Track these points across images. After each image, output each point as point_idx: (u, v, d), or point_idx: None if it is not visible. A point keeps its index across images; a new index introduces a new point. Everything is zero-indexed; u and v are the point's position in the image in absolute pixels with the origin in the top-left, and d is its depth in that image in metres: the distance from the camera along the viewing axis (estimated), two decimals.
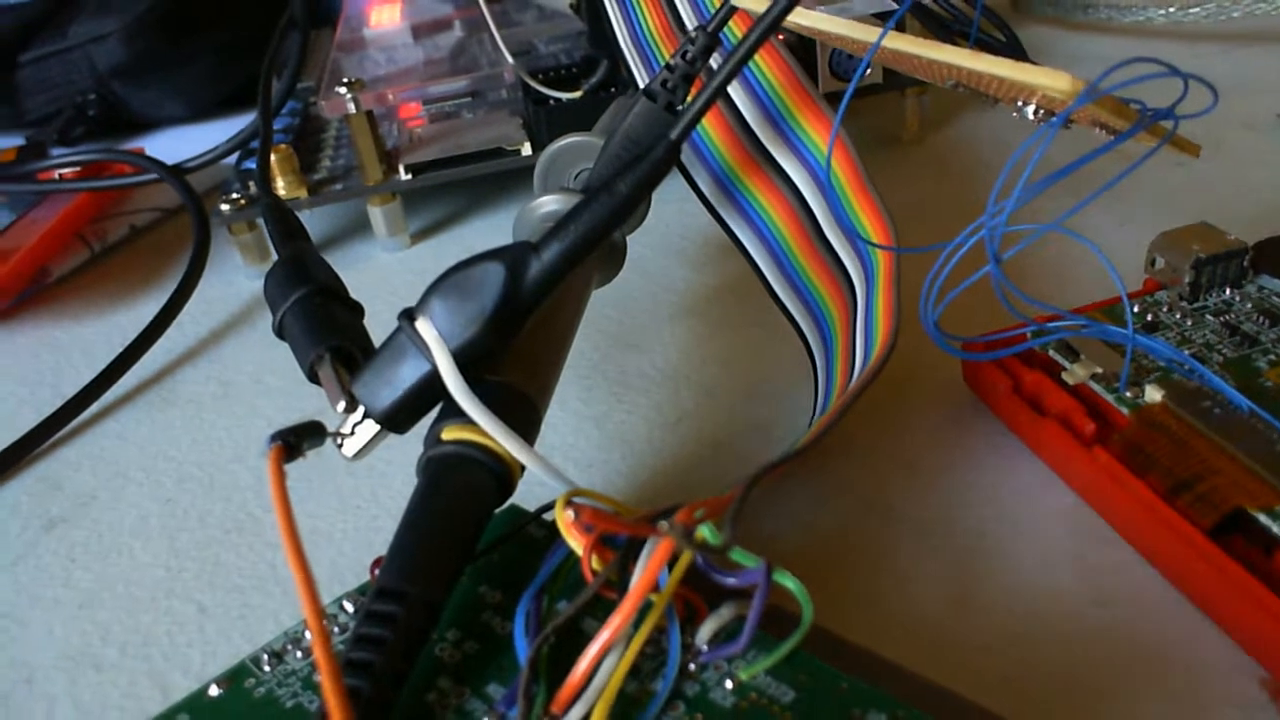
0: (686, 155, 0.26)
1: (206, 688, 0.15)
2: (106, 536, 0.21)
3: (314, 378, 0.18)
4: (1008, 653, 0.16)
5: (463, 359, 0.16)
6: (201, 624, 0.19)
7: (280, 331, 0.19)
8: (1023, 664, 0.15)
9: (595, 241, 0.17)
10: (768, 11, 0.18)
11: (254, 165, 0.32)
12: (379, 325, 0.18)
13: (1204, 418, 0.17)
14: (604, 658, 0.13)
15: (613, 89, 0.32)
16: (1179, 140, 0.19)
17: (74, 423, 0.25)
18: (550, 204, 0.23)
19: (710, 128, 0.26)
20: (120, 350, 0.27)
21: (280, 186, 0.32)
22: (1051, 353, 0.20)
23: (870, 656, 0.14)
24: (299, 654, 0.15)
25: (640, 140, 0.22)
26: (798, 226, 0.25)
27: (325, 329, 0.18)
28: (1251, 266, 0.22)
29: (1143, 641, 0.15)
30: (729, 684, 0.13)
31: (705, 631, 0.14)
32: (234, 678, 0.15)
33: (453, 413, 0.16)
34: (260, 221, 0.32)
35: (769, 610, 0.14)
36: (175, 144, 0.41)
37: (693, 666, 0.14)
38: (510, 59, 0.33)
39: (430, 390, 0.16)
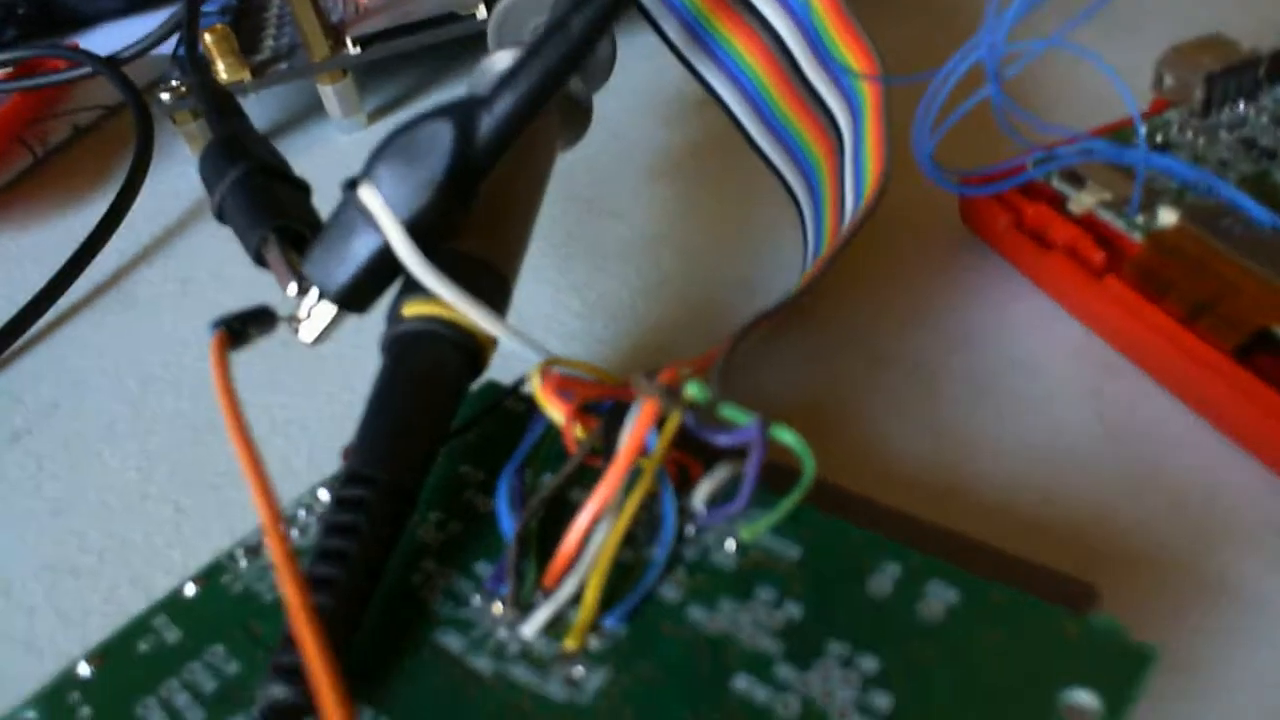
0: (653, 2, 0.24)
1: (183, 586, 0.14)
2: (74, 444, 0.20)
3: (261, 260, 0.17)
4: (1023, 494, 0.15)
5: (417, 229, 0.15)
6: (179, 524, 0.18)
7: (221, 214, 0.17)
8: (1041, 504, 0.15)
9: (549, 89, 0.16)
10: None
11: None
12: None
13: (1224, 236, 0.16)
14: (595, 527, 0.12)
15: None
16: None
17: (29, 333, 0.24)
18: (505, 60, 0.21)
19: None
20: (71, 254, 0.25)
21: (220, 70, 0.30)
22: (1055, 183, 0.19)
23: (878, 507, 0.13)
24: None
25: None
26: (775, 69, 0.23)
27: (269, 208, 0.17)
28: (1267, 77, 0.20)
29: (1165, 472, 0.15)
30: (730, 545, 0.12)
31: (701, 493, 0.13)
32: (210, 574, 0.14)
33: (414, 287, 0.15)
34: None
35: (768, 467, 0.13)
36: (113, 38, 0.39)
37: (691, 531, 0.13)
38: None
39: (386, 265, 0.15)
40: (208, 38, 0.29)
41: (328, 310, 0.16)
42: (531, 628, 0.12)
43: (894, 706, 0.10)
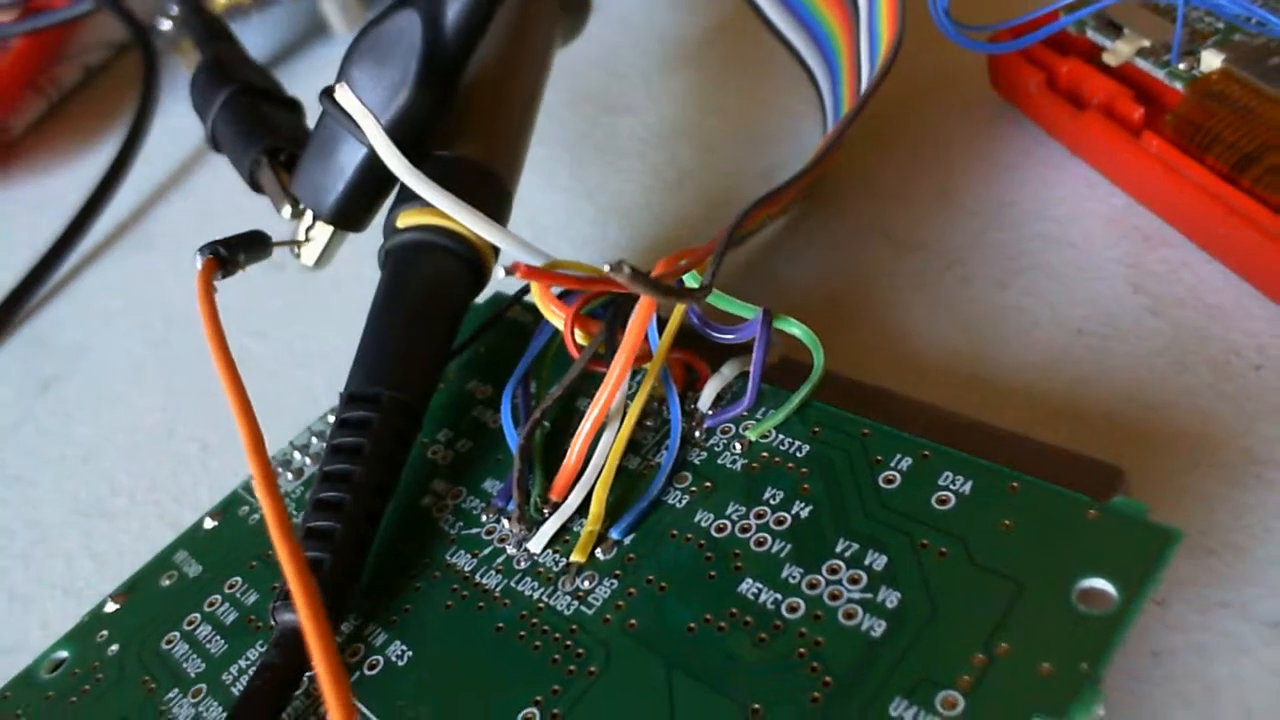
0: None
1: (201, 520, 0.14)
2: (102, 388, 0.21)
3: (257, 186, 0.16)
4: (1056, 377, 0.14)
5: (401, 131, 0.14)
6: (205, 460, 0.18)
7: (214, 142, 0.17)
8: (1075, 385, 0.14)
9: None
10: None
11: None
12: None
13: (1274, 77, 0.15)
14: (599, 435, 0.12)
15: None
16: None
17: (54, 278, 0.24)
18: None
19: None
20: (86, 197, 0.25)
21: None
22: (1089, 33, 0.17)
23: (893, 397, 0.12)
24: (289, 475, 0.14)
25: None
26: None
27: (258, 130, 0.16)
28: None
29: (1210, 342, 0.14)
30: (738, 446, 0.12)
31: (707, 394, 0.12)
32: (226, 508, 0.14)
33: (409, 197, 0.15)
34: None
35: (780, 363, 0.13)
36: None
37: (698, 434, 0.12)
38: None
39: (376, 174, 0.15)
40: None
41: (324, 230, 0.15)
42: (538, 542, 0.12)
43: (901, 602, 0.10)
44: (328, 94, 0.14)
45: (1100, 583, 0.09)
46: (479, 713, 0.10)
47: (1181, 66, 0.16)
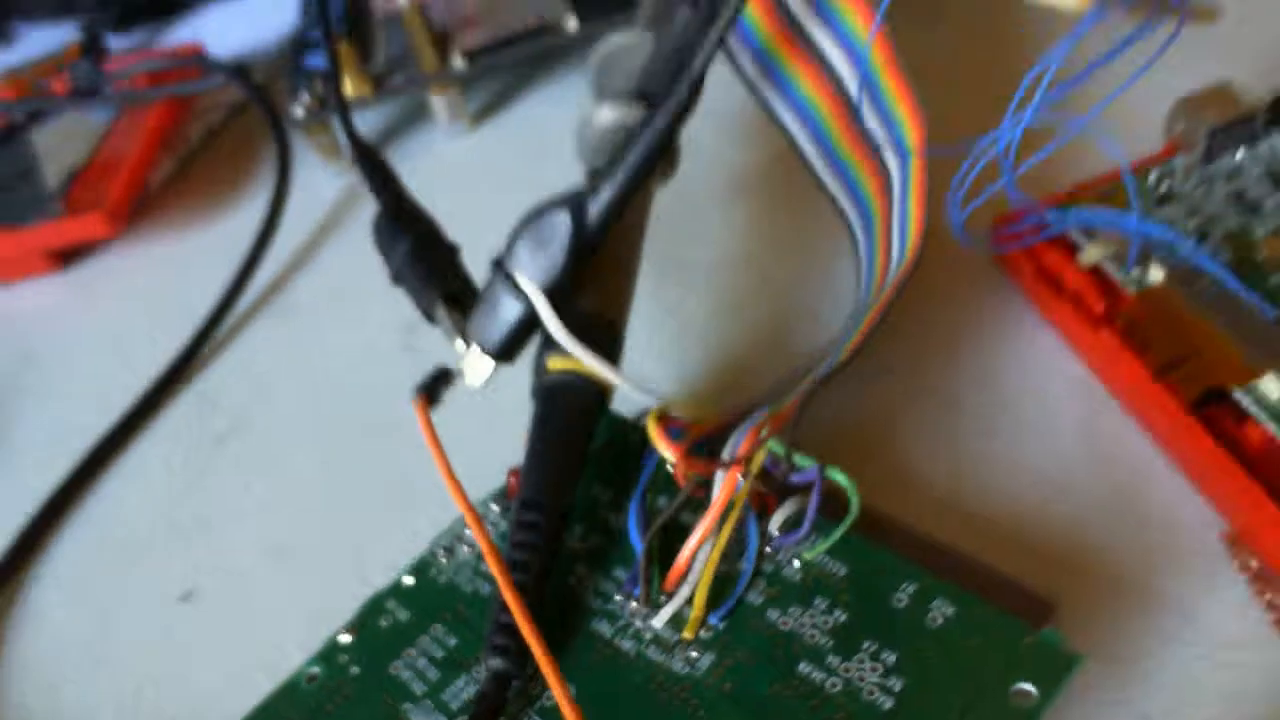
0: (729, 38, 0.28)
1: (401, 579, 0.19)
2: (272, 446, 0.25)
3: (431, 318, 0.21)
4: (1021, 512, 0.19)
5: (549, 295, 0.19)
6: (371, 512, 0.23)
7: (398, 280, 0.22)
8: (1032, 521, 0.19)
9: (641, 177, 0.20)
10: None
11: (316, 64, 0.34)
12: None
13: (1198, 298, 0.20)
14: (700, 547, 0.17)
15: None
16: (1197, 11, 0.21)
17: (213, 339, 0.29)
18: (606, 116, 0.25)
19: (751, 6, 0.27)
20: (238, 264, 0.30)
21: (347, 84, 0.34)
22: (1072, 233, 0.22)
23: (903, 529, 0.17)
24: (465, 548, 0.19)
25: (681, 48, 0.24)
26: (836, 106, 0.26)
27: (434, 276, 0.21)
28: (1264, 126, 0.23)
29: (1135, 500, 0.19)
30: (796, 563, 0.17)
31: (776, 521, 0.18)
32: (421, 569, 0.19)
33: (550, 344, 0.20)
34: (332, 119, 0.34)
35: (828, 498, 0.18)
36: (224, 25, 0.43)
37: (768, 550, 0.18)
38: None
39: (529, 325, 0.20)
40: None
41: (488, 362, 0.20)
42: (660, 620, 0.17)
43: (904, 687, 0.15)
44: (497, 264, 0.20)
45: (1028, 687, 0.14)
46: None
47: (1135, 274, 0.21)
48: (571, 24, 0.33)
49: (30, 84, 0.39)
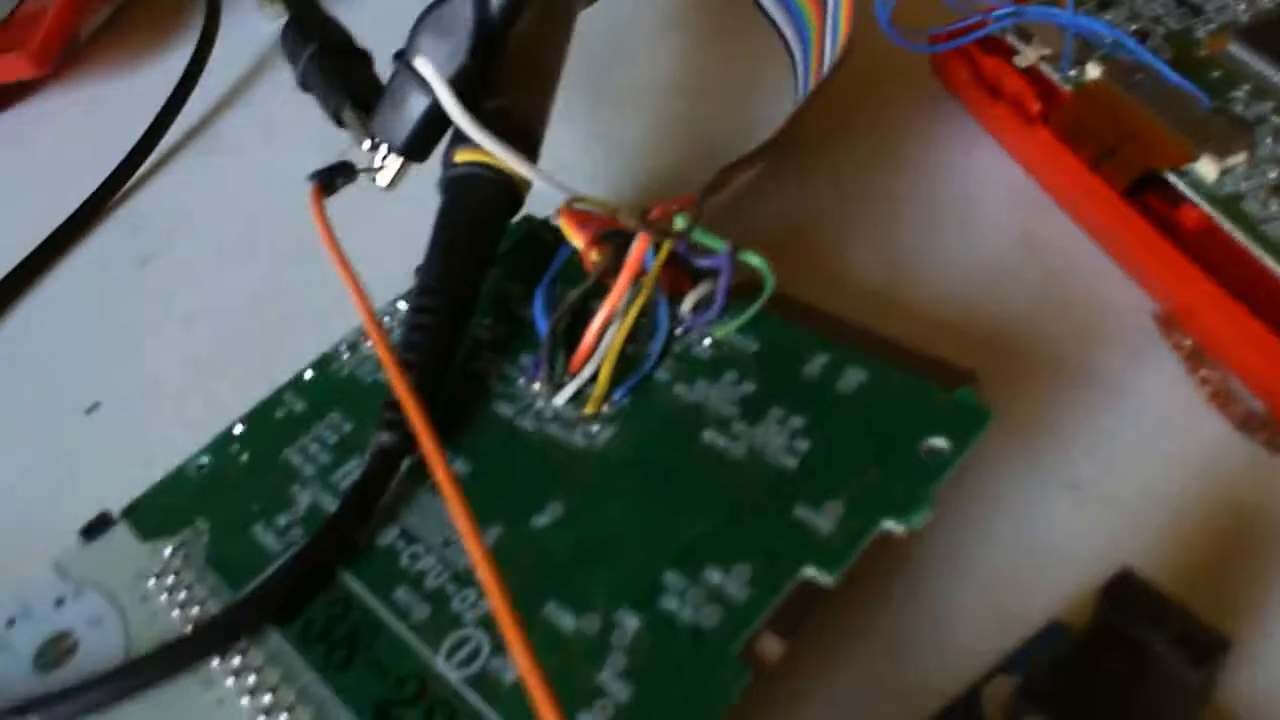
0: None
1: (303, 373, 0.19)
2: (194, 266, 0.25)
3: (339, 122, 0.20)
4: (951, 304, 0.19)
5: (457, 86, 0.18)
6: (292, 329, 0.22)
7: (304, 84, 0.21)
8: (963, 310, 0.19)
9: None
10: None
11: None
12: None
13: (1134, 89, 0.19)
14: (607, 328, 0.17)
15: None
16: None
17: (139, 171, 0.28)
18: None
19: None
20: (164, 102, 0.29)
21: None
22: (1009, 37, 0.21)
23: (819, 312, 0.17)
24: (369, 344, 0.19)
25: None
26: None
27: (342, 79, 0.20)
28: None
29: (1064, 287, 0.18)
30: (707, 342, 0.17)
31: (688, 303, 0.17)
32: (323, 364, 0.19)
33: (461, 138, 0.19)
34: None
35: (744, 283, 0.17)
36: None
37: (679, 331, 0.17)
38: None
39: (437, 119, 0.19)
40: None
41: (396, 160, 0.20)
42: (561, 398, 0.17)
43: (810, 448, 0.14)
44: (401, 57, 0.19)
45: (940, 441, 0.14)
46: (517, 507, 0.15)
47: (1072, 74, 0.20)
48: None
49: None
